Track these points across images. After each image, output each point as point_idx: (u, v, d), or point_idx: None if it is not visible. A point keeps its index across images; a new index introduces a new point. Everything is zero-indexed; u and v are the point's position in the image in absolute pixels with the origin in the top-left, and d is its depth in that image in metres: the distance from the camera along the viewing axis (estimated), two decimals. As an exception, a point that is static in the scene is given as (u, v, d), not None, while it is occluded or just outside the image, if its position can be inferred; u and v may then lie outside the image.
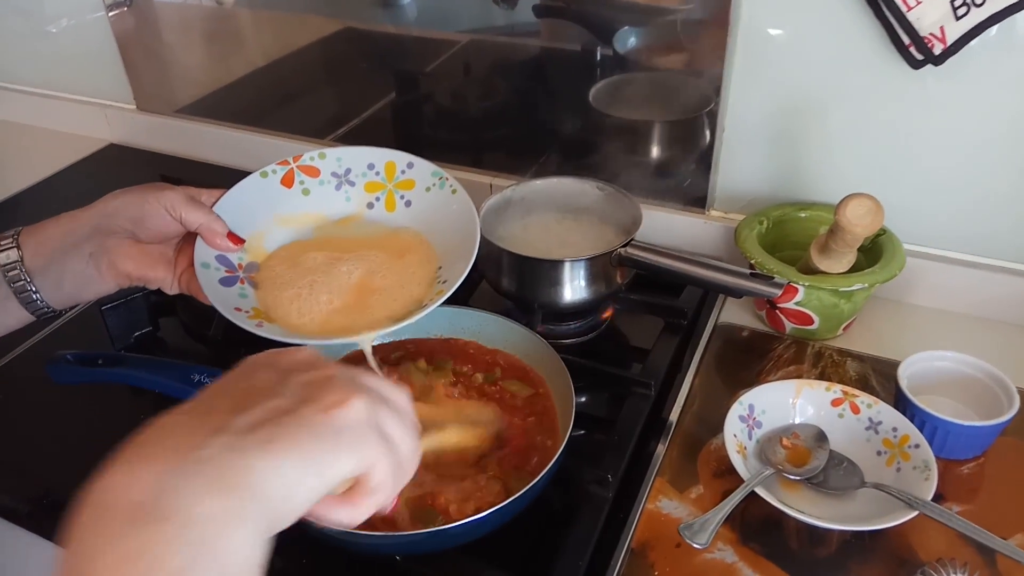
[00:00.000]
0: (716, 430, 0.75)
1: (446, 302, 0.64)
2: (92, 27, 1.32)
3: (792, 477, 0.68)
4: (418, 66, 1.11)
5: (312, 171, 0.74)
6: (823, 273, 0.81)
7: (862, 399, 0.72)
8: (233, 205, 0.70)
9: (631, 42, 0.96)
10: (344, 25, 1.13)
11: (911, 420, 0.70)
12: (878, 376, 0.81)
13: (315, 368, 0.41)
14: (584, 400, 0.70)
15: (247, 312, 0.64)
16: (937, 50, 0.77)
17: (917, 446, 0.68)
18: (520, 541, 0.65)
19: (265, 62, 1.23)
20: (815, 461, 0.69)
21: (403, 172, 0.74)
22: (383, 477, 0.40)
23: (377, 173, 0.74)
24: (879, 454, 0.70)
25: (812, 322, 0.84)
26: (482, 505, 0.61)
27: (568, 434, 0.65)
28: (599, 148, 1.03)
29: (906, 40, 0.78)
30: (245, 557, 0.33)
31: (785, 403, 0.73)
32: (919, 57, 0.79)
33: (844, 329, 0.86)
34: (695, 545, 0.61)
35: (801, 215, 0.91)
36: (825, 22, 0.83)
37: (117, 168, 1.35)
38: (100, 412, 0.80)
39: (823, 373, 0.82)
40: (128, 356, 0.75)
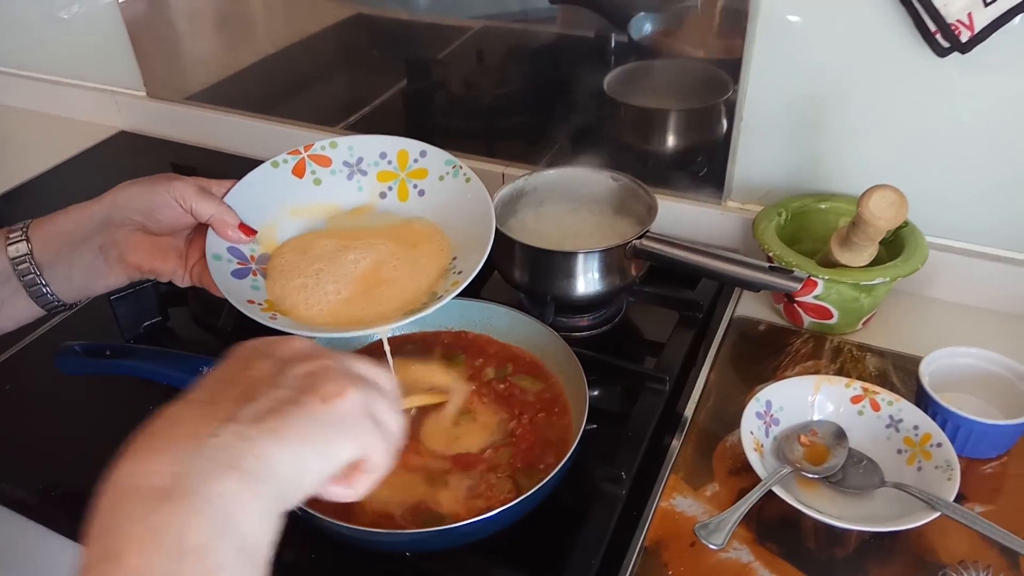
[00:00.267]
0: (732, 426, 0.73)
1: (460, 294, 0.63)
2: (103, 14, 1.31)
3: (810, 476, 0.66)
4: (430, 53, 1.09)
5: (323, 160, 0.73)
6: (843, 267, 0.79)
7: (883, 396, 0.70)
8: (244, 196, 0.69)
9: (647, 28, 0.94)
10: (356, 11, 1.12)
11: (933, 418, 0.68)
12: (898, 372, 0.79)
13: (312, 358, 0.43)
14: (597, 394, 0.69)
15: (260, 304, 0.63)
16: (964, 37, 0.75)
17: (939, 445, 0.66)
18: (531, 539, 0.64)
19: (276, 49, 1.22)
20: (834, 459, 0.67)
21: (416, 161, 0.73)
22: (378, 459, 0.43)
23: (389, 162, 0.73)
24: (900, 453, 0.68)
25: (831, 316, 0.82)
26: (492, 503, 0.61)
27: (581, 431, 0.64)
28: (614, 137, 1.02)
29: (932, 27, 0.76)
30: (261, 531, 0.36)
31: (803, 399, 0.71)
32: (945, 44, 0.77)
33: (863, 323, 0.84)
34: (711, 546, 0.60)
35: (821, 206, 0.89)
36: (848, 8, 0.81)
37: (127, 156, 1.35)
38: (108, 403, 0.80)
39: (842, 368, 0.80)
40: (136, 348, 0.74)
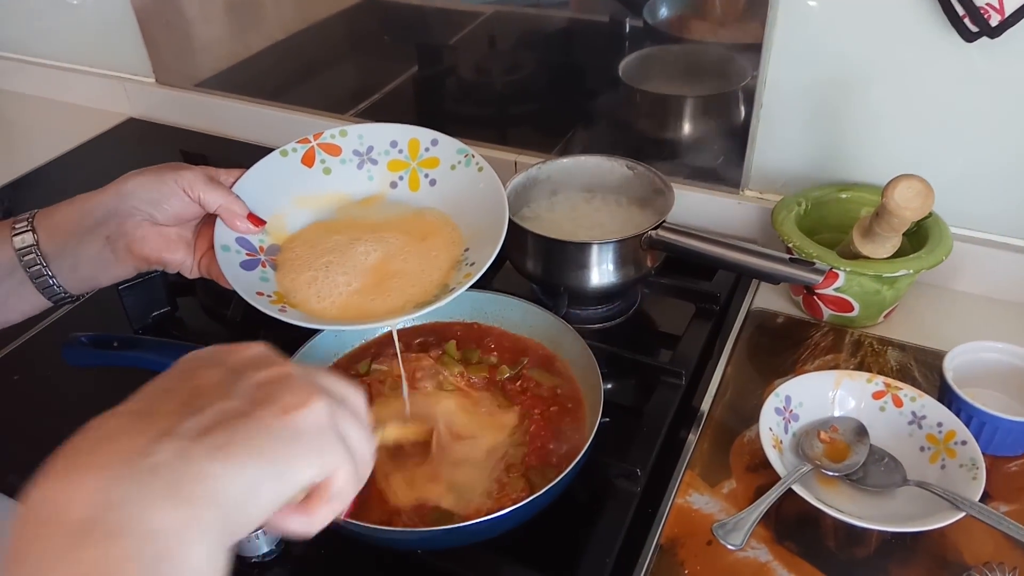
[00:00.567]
0: (749, 421, 0.72)
1: (471, 285, 0.61)
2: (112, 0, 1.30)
3: (830, 473, 0.65)
4: (441, 39, 1.08)
5: (333, 149, 0.72)
6: (865, 258, 0.77)
7: (905, 391, 0.68)
8: (253, 185, 0.68)
9: (662, 12, 0.92)
10: (366, -4, 1.10)
11: (957, 414, 0.67)
12: (920, 367, 0.77)
13: (268, 366, 0.38)
14: (610, 388, 0.67)
15: (269, 296, 0.62)
16: (994, 21, 0.73)
17: (964, 443, 0.64)
18: (544, 536, 0.63)
19: (286, 35, 1.20)
20: (854, 457, 0.66)
21: (427, 150, 0.72)
22: (343, 484, 0.37)
23: (400, 151, 0.72)
24: (922, 450, 0.66)
25: (852, 309, 0.80)
26: (504, 503, 0.59)
27: (596, 428, 0.63)
28: (629, 124, 1.00)
29: (960, 11, 0.74)
30: (204, 572, 0.31)
31: (823, 395, 0.70)
32: (973, 29, 0.74)
33: (885, 316, 0.83)
34: (729, 546, 0.58)
35: (842, 196, 0.87)
36: (872, -9, 0.78)
37: (136, 143, 1.34)
38: (116, 395, 0.78)
39: (862, 363, 0.78)
40: (143, 339, 0.74)
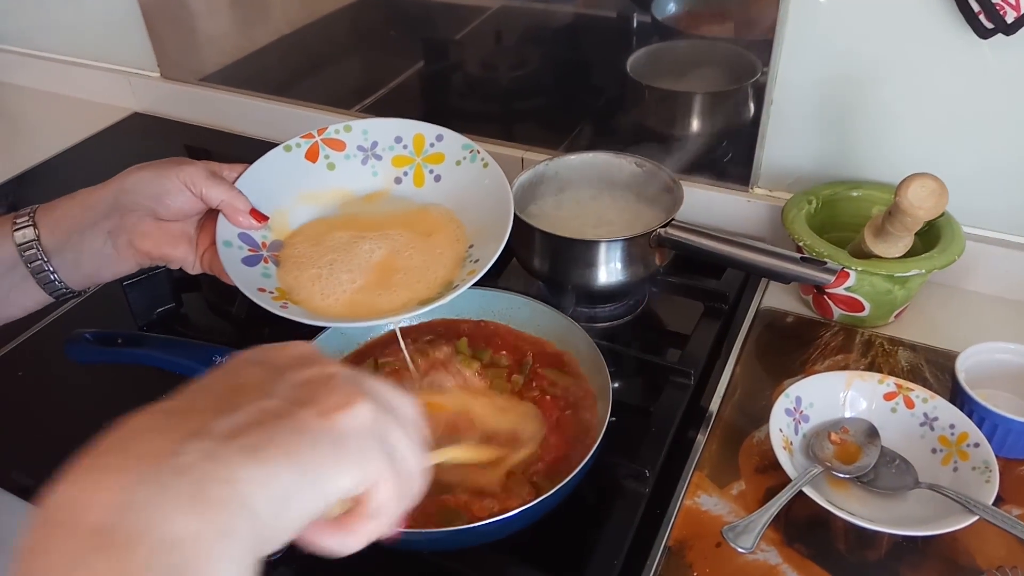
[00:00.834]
0: (759, 422, 0.71)
1: (477, 283, 0.61)
2: (117, -7, 1.29)
3: (841, 475, 0.64)
4: (447, 34, 1.07)
5: (337, 144, 0.71)
6: (876, 257, 0.76)
7: (917, 393, 0.68)
8: (256, 180, 0.67)
9: (670, 8, 0.91)
10: (371, -10, 1.10)
11: (969, 416, 0.66)
12: (931, 367, 0.76)
13: (313, 365, 0.36)
14: (618, 387, 0.67)
15: (271, 293, 0.62)
16: (1009, 17, 0.72)
17: (977, 445, 0.63)
18: (552, 537, 0.63)
19: (291, 29, 1.20)
20: (865, 458, 0.65)
21: (432, 145, 0.71)
22: (385, 499, 0.34)
23: (405, 146, 0.71)
24: (934, 452, 0.66)
25: (863, 309, 0.79)
26: (511, 504, 0.59)
27: (604, 428, 0.62)
28: (637, 121, 0.99)
29: (975, 7, 0.73)
30: None
31: (834, 396, 0.69)
32: (989, 25, 0.73)
33: (896, 316, 0.82)
34: (739, 549, 0.58)
35: (853, 194, 0.86)
36: (885, -14, 0.77)
37: (141, 137, 1.33)
38: (120, 392, 0.79)
39: (873, 363, 0.77)
40: (148, 336, 0.73)
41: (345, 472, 0.32)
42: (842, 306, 0.80)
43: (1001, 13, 0.72)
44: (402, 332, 0.68)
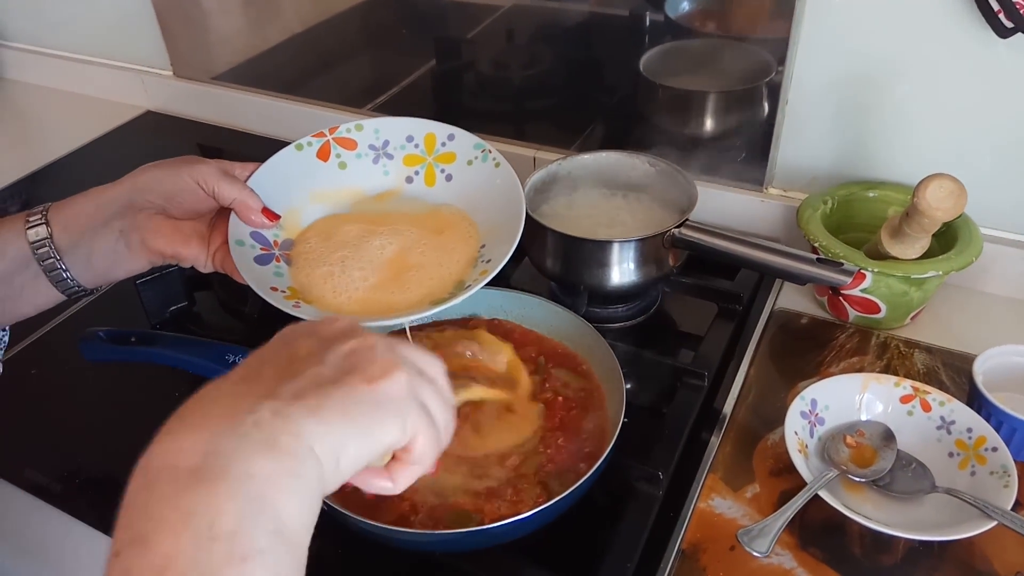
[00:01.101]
0: (773, 424, 0.71)
1: (489, 283, 0.61)
2: (130, -8, 1.30)
3: (856, 479, 0.64)
4: (459, 32, 1.07)
5: (349, 143, 0.71)
6: (893, 258, 0.76)
7: (934, 396, 0.67)
8: (268, 179, 0.67)
9: (684, 6, 0.90)
10: (384, -11, 1.09)
11: (987, 420, 0.65)
12: (948, 370, 0.76)
13: (355, 337, 0.42)
14: (631, 388, 0.66)
15: (283, 292, 0.62)
16: (1030, 16, 0.71)
17: (995, 449, 0.63)
18: (565, 539, 0.62)
19: (303, 28, 1.20)
20: (881, 462, 0.64)
21: (444, 144, 0.71)
22: (424, 448, 0.41)
23: (416, 146, 0.71)
24: (951, 456, 0.65)
25: (878, 310, 0.78)
26: (521, 506, 0.58)
27: (618, 430, 0.62)
28: (650, 120, 0.98)
29: (995, 6, 0.72)
30: (298, 515, 0.34)
31: (850, 398, 0.68)
32: (1008, 25, 0.72)
33: (912, 318, 0.81)
34: (755, 553, 0.57)
35: (869, 195, 0.85)
36: (903, -15, 0.77)
37: (154, 136, 1.34)
38: (133, 390, 0.79)
39: (888, 365, 0.76)
40: (161, 335, 0.73)
41: (389, 428, 0.39)
42: (858, 308, 0.79)
43: (1021, 12, 0.71)
44: (411, 330, 0.67)
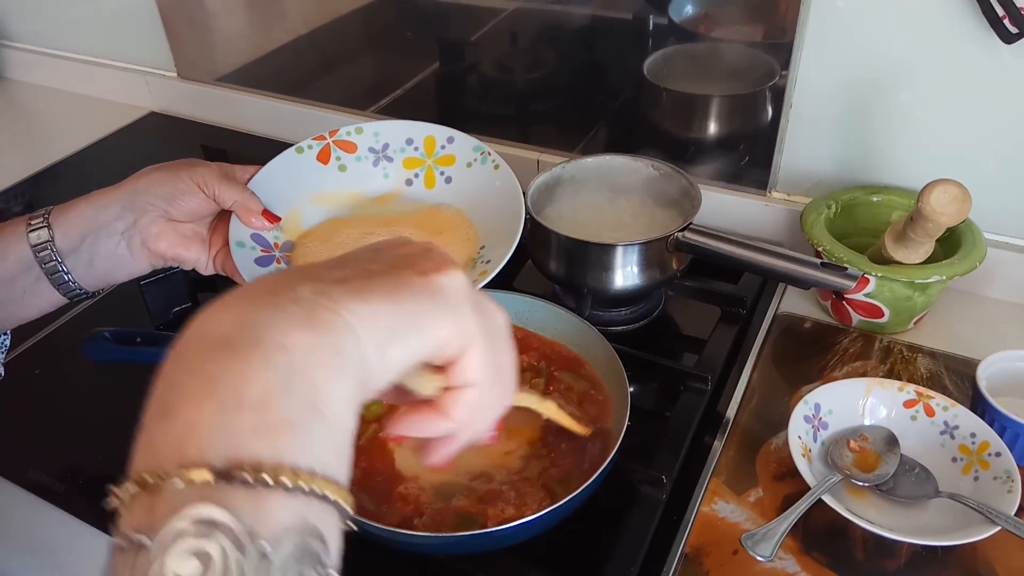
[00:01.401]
0: (776, 428, 0.70)
1: (490, 284, 0.61)
2: (134, -7, 1.30)
3: (860, 483, 0.63)
4: (463, 35, 1.07)
5: (349, 146, 0.72)
6: (896, 263, 0.75)
7: (937, 401, 0.67)
8: (268, 182, 0.68)
9: (687, 10, 0.90)
10: (388, -9, 1.09)
11: (990, 425, 0.65)
12: (951, 375, 0.75)
13: (411, 244, 0.39)
14: (634, 392, 0.66)
15: None
16: (1035, 21, 0.71)
17: (998, 454, 0.63)
18: (568, 542, 0.62)
19: (307, 30, 1.20)
20: (885, 467, 0.64)
21: (443, 147, 0.71)
22: (480, 366, 0.36)
23: (416, 148, 0.72)
24: (955, 461, 0.65)
25: (882, 315, 0.78)
26: (525, 509, 0.58)
27: (622, 434, 0.62)
28: (653, 124, 0.98)
29: (1000, 11, 0.71)
30: (337, 393, 0.31)
31: (854, 403, 0.68)
32: (1013, 30, 0.72)
33: (915, 323, 0.81)
34: (758, 557, 0.57)
35: (872, 199, 0.85)
36: (908, -11, 0.76)
37: (158, 137, 1.34)
38: (137, 391, 0.78)
39: (892, 370, 0.76)
40: (167, 336, 0.73)
41: (440, 321, 0.35)
42: (861, 312, 0.79)
43: (1026, 17, 0.71)
44: None
